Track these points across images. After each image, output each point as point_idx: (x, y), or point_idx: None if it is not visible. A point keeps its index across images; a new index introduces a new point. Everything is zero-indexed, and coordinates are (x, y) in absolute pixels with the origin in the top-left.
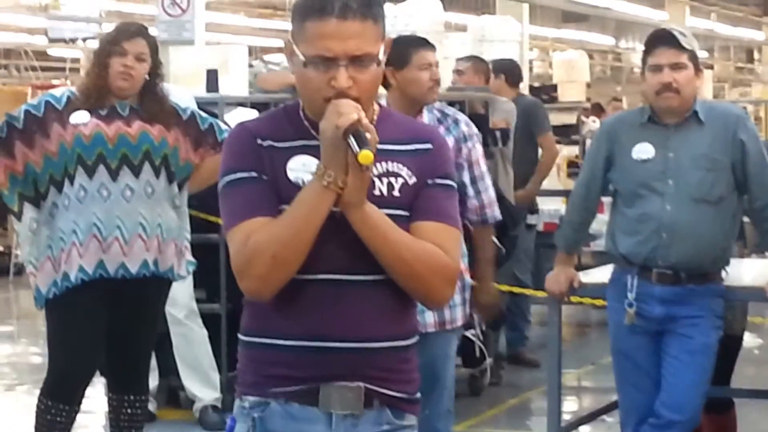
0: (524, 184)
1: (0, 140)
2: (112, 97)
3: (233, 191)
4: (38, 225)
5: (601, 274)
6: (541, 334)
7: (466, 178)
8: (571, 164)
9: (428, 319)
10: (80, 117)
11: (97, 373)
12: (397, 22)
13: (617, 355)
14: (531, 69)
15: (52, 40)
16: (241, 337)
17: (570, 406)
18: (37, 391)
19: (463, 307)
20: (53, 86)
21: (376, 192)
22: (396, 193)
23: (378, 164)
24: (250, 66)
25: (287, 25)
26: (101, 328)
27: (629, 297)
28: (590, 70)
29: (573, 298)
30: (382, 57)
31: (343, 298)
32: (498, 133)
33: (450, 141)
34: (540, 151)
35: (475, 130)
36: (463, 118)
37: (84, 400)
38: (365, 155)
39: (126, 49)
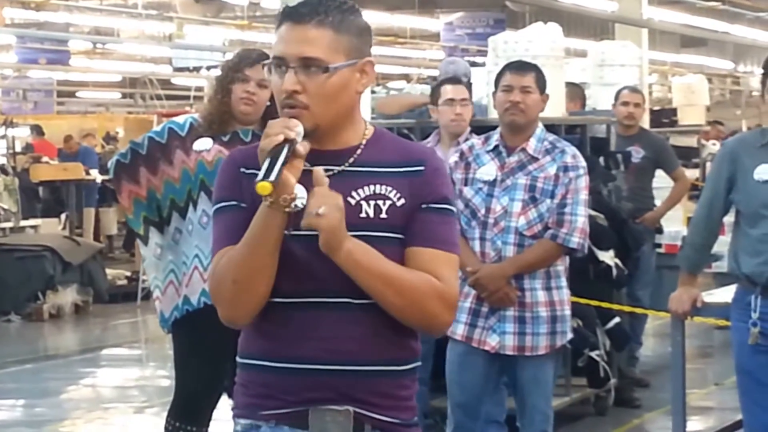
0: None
1: (124, 166)
2: (235, 123)
3: (216, 221)
4: (162, 250)
5: (724, 294)
6: (651, 353)
7: (558, 201)
8: (692, 187)
9: (507, 341)
10: (203, 144)
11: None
12: (517, 47)
13: (741, 374)
14: (651, 93)
15: (176, 69)
16: (237, 359)
17: (694, 425)
18: (165, 414)
19: (549, 336)
20: (179, 114)
21: (363, 214)
22: (383, 215)
23: (364, 187)
24: (373, 92)
25: (408, 53)
26: (226, 349)
27: (753, 316)
28: (709, 93)
29: (696, 318)
30: (343, 70)
31: (328, 321)
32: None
33: (553, 169)
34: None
35: (582, 162)
36: (570, 150)
37: (212, 422)
38: (262, 186)
39: (248, 76)
